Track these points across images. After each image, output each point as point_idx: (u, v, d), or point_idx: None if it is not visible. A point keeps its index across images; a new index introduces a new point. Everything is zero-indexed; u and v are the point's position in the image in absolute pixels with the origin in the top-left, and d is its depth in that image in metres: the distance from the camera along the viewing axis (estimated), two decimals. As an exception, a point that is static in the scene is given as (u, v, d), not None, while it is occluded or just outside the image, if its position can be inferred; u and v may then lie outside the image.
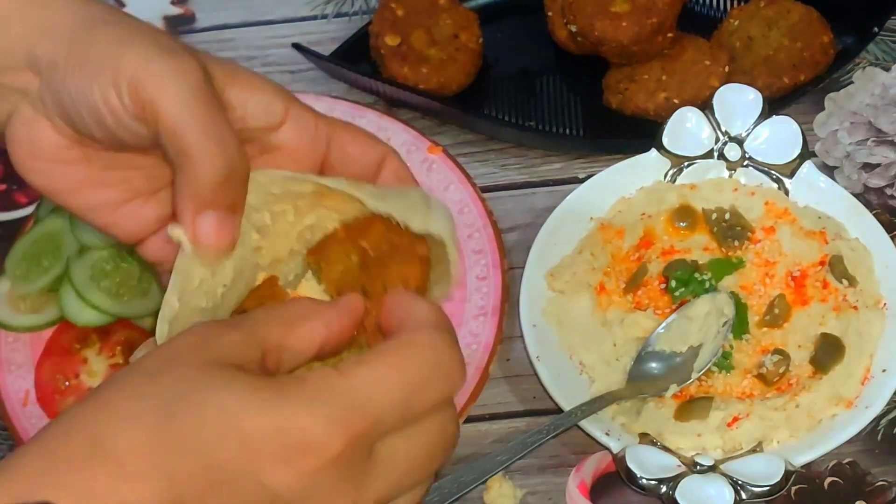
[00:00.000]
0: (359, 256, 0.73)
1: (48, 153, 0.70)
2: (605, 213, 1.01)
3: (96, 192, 0.72)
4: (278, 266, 0.75)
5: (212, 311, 0.72)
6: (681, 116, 1.02)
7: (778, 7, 1.12)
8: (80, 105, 0.67)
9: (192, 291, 0.70)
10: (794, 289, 0.96)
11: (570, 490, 0.91)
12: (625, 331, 0.94)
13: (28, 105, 0.69)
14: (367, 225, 0.73)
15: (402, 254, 0.72)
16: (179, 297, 0.69)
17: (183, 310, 0.69)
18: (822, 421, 0.89)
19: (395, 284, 0.71)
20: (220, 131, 0.65)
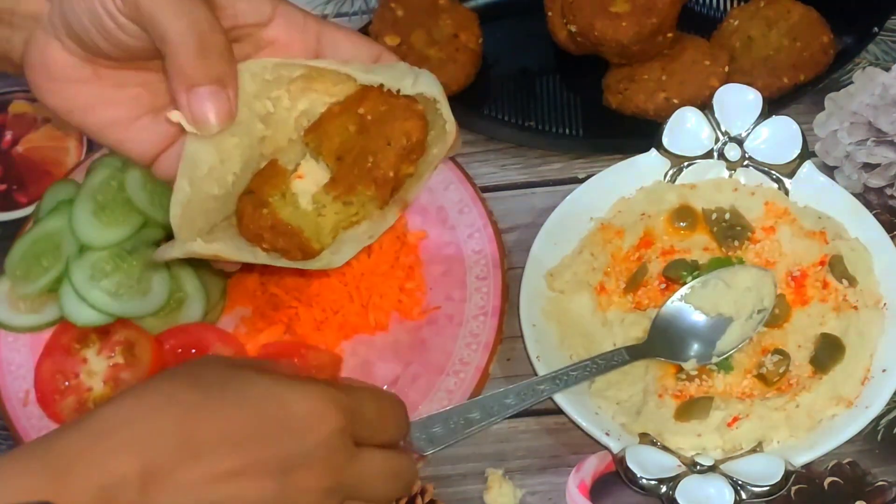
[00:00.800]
0: (356, 125, 0.77)
1: (61, 73, 0.76)
2: (604, 213, 1.01)
3: (108, 109, 0.78)
4: (279, 154, 0.79)
5: (223, 198, 0.77)
6: (681, 116, 1.02)
7: (778, 7, 1.12)
8: (83, 14, 0.72)
9: (203, 178, 0.75)
10: (795, 289, 0.96)
11: (570, 490, 0.91)
12: (625, 331, 0.94)
13: (41, 31, 0.75)
14: (360, 96, 0.77)
15: (400, 110, 0.76)
16: (190, 182, 0.74)
17: (196, 195, 0.74)
18: (822, 421, 0.89)
19: (398, 139, 0.76)
20: (190, 9, 0.71)
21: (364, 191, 0.77)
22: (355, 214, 0.78)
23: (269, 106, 0.78)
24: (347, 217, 0.78)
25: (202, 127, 0.73)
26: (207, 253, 0.75)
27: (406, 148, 0.77)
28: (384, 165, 0.76)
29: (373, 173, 0.76)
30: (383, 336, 0.98)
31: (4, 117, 1.18)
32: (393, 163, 0.76)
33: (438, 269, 1.01)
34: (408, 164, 0.78)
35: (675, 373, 0.92)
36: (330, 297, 0.98)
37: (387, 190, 0.77)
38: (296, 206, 0.77)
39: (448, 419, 0.88)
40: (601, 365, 0.90)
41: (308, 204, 0.77)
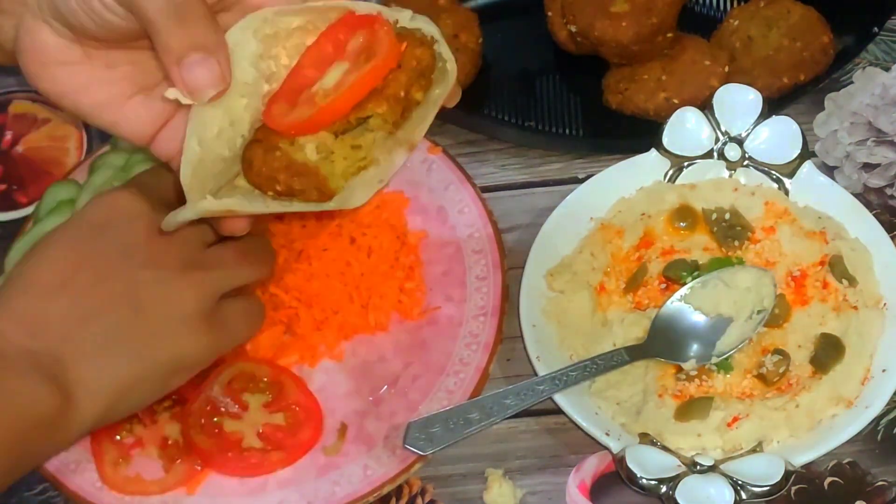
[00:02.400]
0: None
1: (52, 56, 0.77)
2: (604, 213, 1.01)
3: (100, 89, 0.78)
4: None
5: (232, 160, 0.77)
6: (681, 116, 1.02)
7: (778, 7, 1.12)
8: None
9: (213, 140, 0.76)
10: (795, 289, 0.96)
11: (570, 490, 0.91)
12: (625, 331, 0.94)
13: (29, 15, 0.76)
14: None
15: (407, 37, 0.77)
16: (199, 143, 0.75)
17: (207, 155, 0.75)
18: (822, 421, 0.89)
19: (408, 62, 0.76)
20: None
21: (375, 108, 0.76)
22: (363, 159, 0.77)
23: (272, 66, 0.78)
24: (355, 162, 0.77)
25: (198, 96, 0.73)
26: (219, 209, 0.75)
27: (416, 70, 0.76)
28: (395, 85, 0.76)
29: (384, 92, 0.76)
30: (383, 336, 0.98)
31: (4, 117, 1.18)
32: (404, 83, 0.76)
33: (438, 269, 1.01)
34: (417, 89, 0.77)
35: (674, 373, 0.92)
36: (330, 297, 0.98)
37: (398, 109, 0.76)
38: (304, 154, 0.76)
39: (448, 419, 0.88)
40: (601, 365, 0.91)
41: (313, 153, 0.77)
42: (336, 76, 0.76)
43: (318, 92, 0.76)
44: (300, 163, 0.76)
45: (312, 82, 0.77)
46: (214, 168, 0.77)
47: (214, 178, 0.77)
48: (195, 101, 0.74)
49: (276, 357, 0.97)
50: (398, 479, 0.90)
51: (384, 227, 1.01)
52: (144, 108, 0.79)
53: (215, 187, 0.77)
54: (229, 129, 0.77)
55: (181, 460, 0.92)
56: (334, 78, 0.76)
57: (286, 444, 0.92)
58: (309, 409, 0.94)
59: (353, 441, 0.93)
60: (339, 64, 0.77)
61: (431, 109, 0.78)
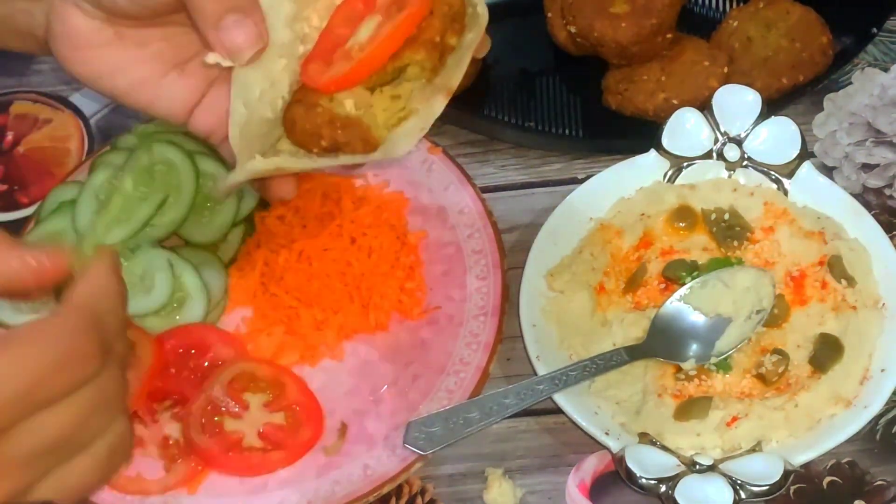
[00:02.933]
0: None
1: (84, 39, 0.77)
2: (604, 214, 1.01)
3: (134, 69, 0.78)
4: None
5: (274, 121, 0.77)
6: (680, 117, 1.03)
7: (777, 8, 1.13)
8: None
9: (256, 102, 0.76)
10: (793, 289, 0.96)
11: (569, 490, 0.91)
12: (624, 331, 0.94)
13: (59, 0, 0.76)
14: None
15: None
16: (245, 104, 0.75)
17: (252, 117, 0.76)
18: (821, 420, 0.89)
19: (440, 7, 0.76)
20: None
21: (412, 55, 0.76)
22: (402, 109, 0.77)
23: (305, 28, 0.78)
24: (395, 113, 0.77)
25: (237, 56, 0.74)
26: (269, 167, 0.75)
27: (448, 15, 0.77)
28: (430, 31, 0.76)
29: (419, 39, 0.76)
30: (383, 336, 0.99)
31: (6, 118, 1.18)
32: (439, 28, 0.76)
33: (438, 269, 1.01)
34: (451, 34, 0.77)
35: (674, 373, 0.92)
36: (330, 297, 0.98)
37: (435, 55, 0.76)
38: (344, 108, 0.77)
39: (448, 419, 0.88)
40: (600, 365, 0.91)
41: (352, 108, 0.77)
42: (369, 30, 0.76)
43: (353, 47, 0.76)
44: (343, 116, 0.76)
45: (346, 40, 0.77)
46: (259, 130, 0.77)
47: (259, 140, 0.77)
48: (236, 63, 0.74)
49: (276, 357, 0.97)
50: (398, 479, 0.90)
51: (384, 228, 1.01)
52: (180, 85, 0.79)
53: (261, 150, 0.77)
54: (270, 91, 0.77)
55: (182, 460, 0.92)
56: (368, 32, 0.76)
57: (286, 443, 0.92)
58: (309, 408, 0.94)
59: (353, 441, 0.93)
60: (371, 18, 0.77)
61: (466, 54, 0.78)
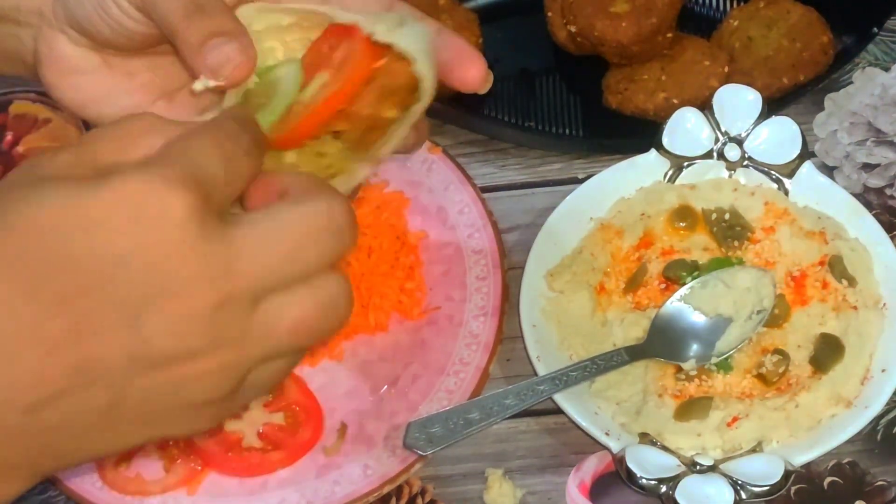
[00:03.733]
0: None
1: (71, 65, 0.76)
2: (604, 213, 1.01)
3: (122, 98, 0.78)
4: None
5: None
6: (680, 117, 1.02)
7: (777, 7, 1.12)
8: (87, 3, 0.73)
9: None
10: (794, 289, 0.96)
11: (570, 490, 0.91)
12: (625, 331, 0.94)
13: (46, 26, 0.76)
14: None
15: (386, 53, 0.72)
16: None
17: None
18: (822, 421, 0.89)
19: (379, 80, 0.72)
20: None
21: (337, 125, 0.73)
22: (328, 167, 0.75)
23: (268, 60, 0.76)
24: (321, 169, 0.75)
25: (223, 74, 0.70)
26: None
27: (388, 88, 0.73)
28: (360, 103, 0.73)
29: (347, 109, 0.73)
30: (383, 336, 0.98)
31: (5, 118, 1.18)
32: (370, 101, 0.73)
33: (438, 269, 1.01)
34: (388, 106, 0.74)
35: (674, 373, 0.92)
36: (330, 297, 0.98)
37: (360, 126, 0.73)
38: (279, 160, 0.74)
39: (448, 419, 0.88)
40: (601, 365, 0.91)
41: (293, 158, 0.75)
42: (315, 87, 0.74)
43: (297, 104, 0.74)
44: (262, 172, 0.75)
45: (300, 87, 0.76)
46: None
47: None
48: (223, 83, 0.71)
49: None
50: (398, 479, 0.90)
51: (384, 228, 1.01)
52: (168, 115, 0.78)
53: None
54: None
55: (181, 460, 0.92)
56: (313, 89, 0.74)
57: (286, 443, 0.92)
58: (309, 408, 0.94)
59: (353, 441, 0.93)
60: (321, 74, 0.75)
61: (403, 127, 0.75)
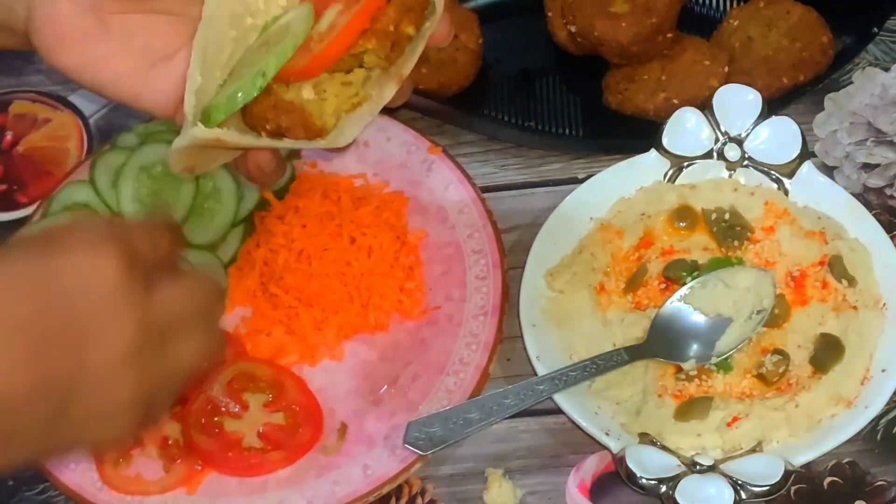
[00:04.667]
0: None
1: (68, 29, 0.77)
2: (604, 213, 1.01)
3: (120, 61, 0.78)
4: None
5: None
6: (680, 117, 1.03)
7: (777, 7, 1.12)
8: None
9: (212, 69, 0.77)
10: (794, 289, 0.96)
11: (570, 490, 0.91)
12: (625, 331, 0.94)
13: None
14: None
15: None
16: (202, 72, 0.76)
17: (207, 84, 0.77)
18: (822, 421, 0.89)
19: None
20: None
21: (364, 44, 0.76)
22: (355, 95, 0.78)
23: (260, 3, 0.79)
24: (347, 99, 0.78)
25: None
26: (210, 136, 0.75)
27: (405, 5, 0.77)
28: (384, 21, 0.76)
29: (373, 27, 0.76)
30: (383, 336, 0.98)
31: (5, 117, 1.18)
32: (393, 18, 0.76)
33: (438, 269, 1.01)
34: (407, 23, 0.77)
35: (674, 373, 0.92)
36: (330, 297, 0.98)
37: (387, 44, 0.76)
38: (298, 93, 0.77)
39: (448, 419, 0.88)
40: (601, 365, 0.91)
41: (310, 93, 0.77)
42: (329, 18, 0.77)
43: (312, 37, 0.76)
44: (287, 101, 0.76)
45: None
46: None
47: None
48: None
49: (276, 357, 0.97)
50: (398, 479, 0.90)
51: (384, 227, 1.01)
52: (166, 77, 0.79)
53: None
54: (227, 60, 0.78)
55: (181, 460, 0.92)
56: (328, 20, 0.76)
57: (286, 443, 0.92)
58: (309, 408, 0.94)
59: (353, 441, 0.93)
60: (333, 6, 0.77)
61: (420, 43, 0.79)
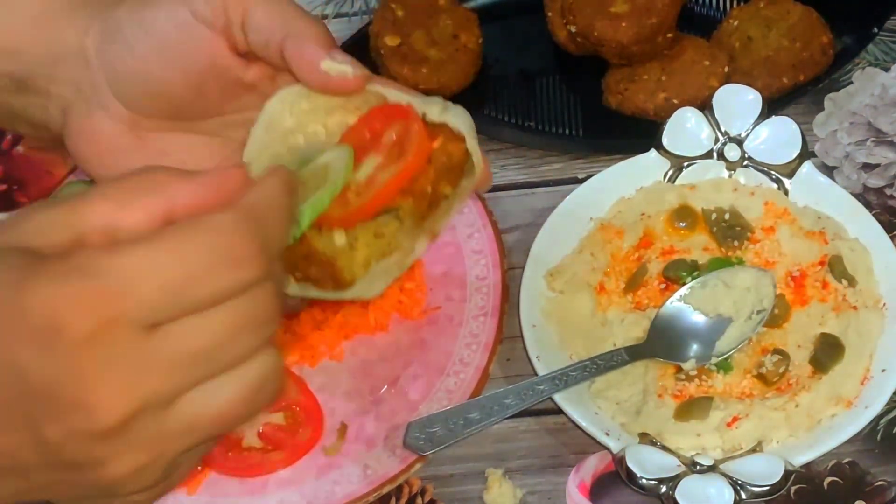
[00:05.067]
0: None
1: (105, 143, 0.76)
2: (604, 213, 1.01)
3: None
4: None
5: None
6: (680, 117, 1.03)
7: (777, 7, 1.13)
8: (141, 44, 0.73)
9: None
10: (794, 289, 0.96)
11: (569, 490, 0.91)
12: (625, 331, 0.94)
13: (81, 100, 0.75)
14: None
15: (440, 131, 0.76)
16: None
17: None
18: (822, 421, 0.89)
19: (438, 157, 0.75)
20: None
21: (401, 202, 0.75)
22: (387, 245, 0.77)
23: (301, 140, 0.77)
24: (379, 249, 0.77)
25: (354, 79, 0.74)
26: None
27: (446, 166, 0.76)
28: (423, 181, 0.75)
29: (411, 188, 0.75)
30: (383, 336, 0.98)
31: (5, 117, 1.18)
32: (432, 179, 0.76)
33: (438, 269, 1.01)
34: (445, 184, 0.77)
35: (674, 373, 0.92)
36: (330, 296, 0.98)
37: (424, 204, 0.76)
38: (330, 240, 0.76)
39: (448, 419, 0.88)
40: (601, 365, 0.91)
41: (342, 239, 0.76)
42: (368, 170, 0.75)
43: (350, 187, 0.75)
44: (319, 252, 0.75)
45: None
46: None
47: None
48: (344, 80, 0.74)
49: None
50: (398, 479, 0.90)
51: (384, 228, 1.01)
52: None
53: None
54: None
55: (181, 460, 0.92)
56: (366, 172, 0.75)
57: (286, 444, 0.92)
58: (309, 408, 0.94)
59: (353, 441, 0.93)
60: (372, 156, 0.75)
61: (458, 200, 0.78)
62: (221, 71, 0.75)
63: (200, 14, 0.73)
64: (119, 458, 0.52)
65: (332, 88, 0.74)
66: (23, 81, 0.77)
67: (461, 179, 0.77)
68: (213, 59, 0.74)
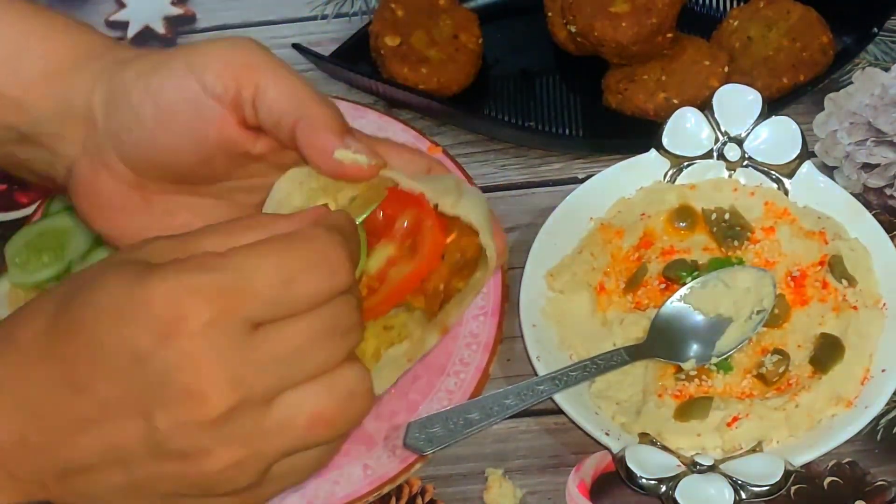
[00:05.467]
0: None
1: (109, 202, 0.75)
2: (604, 213, 1.01)
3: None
4: None
5: None
6: (680, 117, 1.03)
7: (777, 7, 1.13)
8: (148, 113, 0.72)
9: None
10: (794, 289, 0.96)
11: (569, 490, 0.91)
12: (625, 331, 0.94)
13: (86, 159, 0.74)
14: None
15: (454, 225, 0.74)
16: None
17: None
18: (822, 421, 0.89)
19: (451, 254, 0.73)
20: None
21: (412, 301, 0.74)
22: (396, 335, 0.76)
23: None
24: (388, 340, 0.75)
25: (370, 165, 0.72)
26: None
27: (459, 263, 0.75)
28: (435, 279, 0.74)
29: (423, 286, 0.74)
30: (383, 336, 0.99)
31: (5, 117, 1.18)
32: (445, 276, 0.74)
33: (438, 269, 1.01)
34: (458, 280, 0.75)
35: (674, 373, 0.92)
36: (330, 297, 0.98)
37: (436, 302, 0.75)
38: None
39: (448, 419, 0.88)
40: (601, 365, 0.91)
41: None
42: (380, 260, 0.73)
43: (360, 278, 0.72)
44: None
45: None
46: None
47: None
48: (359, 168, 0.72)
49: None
50: (398, 479, 0.90)
51: (384, 227, 1.01)
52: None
53: None
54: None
55: (182, 460, 0.92)
56: (378, 264, 0.73)
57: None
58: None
59: (353, 441, 0.93)
60: (384, 243, 0.73)
61: (470, 294, 0.77)
62: (230, 145, 0.73)
63: (210, 88, 0.71)
64: (221, 449, 0.55)
65: (345, 177, 0.72)
66: (29, 136, 0.76)
67: (475, 273, 0.76)
68: (221, 133, 0.72)
